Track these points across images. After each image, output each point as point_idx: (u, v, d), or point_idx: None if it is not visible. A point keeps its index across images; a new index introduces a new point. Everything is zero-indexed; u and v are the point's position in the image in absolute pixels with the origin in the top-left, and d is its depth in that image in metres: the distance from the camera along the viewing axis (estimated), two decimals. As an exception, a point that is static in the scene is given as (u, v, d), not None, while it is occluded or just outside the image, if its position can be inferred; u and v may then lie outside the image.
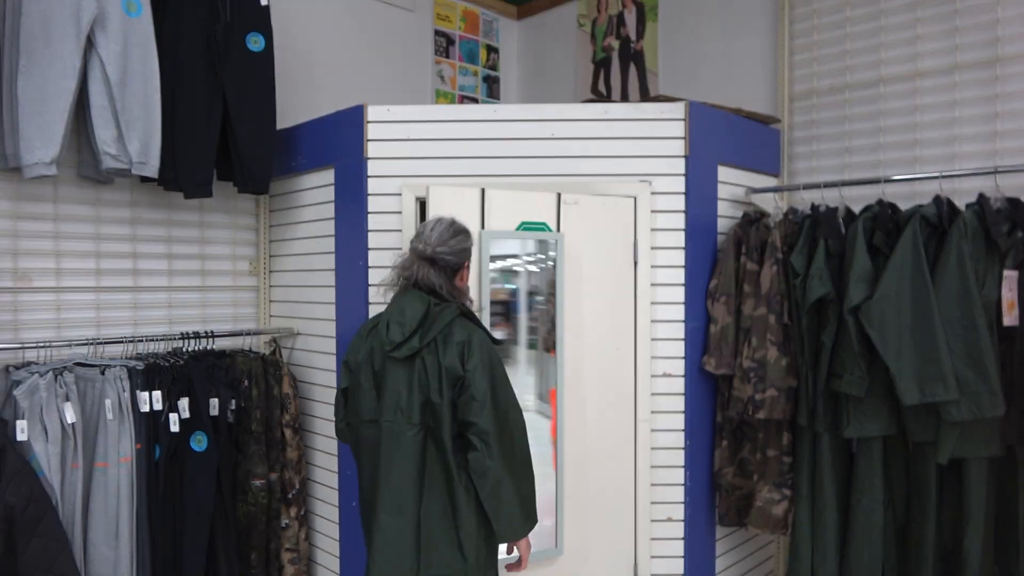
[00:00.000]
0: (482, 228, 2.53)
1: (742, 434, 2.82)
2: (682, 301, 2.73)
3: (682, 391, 2.73)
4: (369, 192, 2.71)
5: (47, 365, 2.56)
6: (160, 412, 2.70)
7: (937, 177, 2.58)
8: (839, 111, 3.19)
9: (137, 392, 2.66)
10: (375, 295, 2.68)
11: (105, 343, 2.82)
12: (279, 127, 3.08)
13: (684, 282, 2.73)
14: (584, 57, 4.29)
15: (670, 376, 2.73)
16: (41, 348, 2.64)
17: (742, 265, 2.76)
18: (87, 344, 2.75)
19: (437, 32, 4.26)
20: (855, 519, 2.56)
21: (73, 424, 2.48)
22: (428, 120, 2.72)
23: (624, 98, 4.07)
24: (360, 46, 3.88)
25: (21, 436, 2.39)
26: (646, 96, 3.94)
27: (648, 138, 2.72)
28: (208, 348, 3.02)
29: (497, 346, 2.12)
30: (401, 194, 2.68)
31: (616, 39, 4.13)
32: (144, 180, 2.85)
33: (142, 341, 2.89)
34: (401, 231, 2.68)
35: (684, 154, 2.71)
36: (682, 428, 2.73)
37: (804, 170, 3.28)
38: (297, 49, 3.55)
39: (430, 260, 2.10)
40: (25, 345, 2.63)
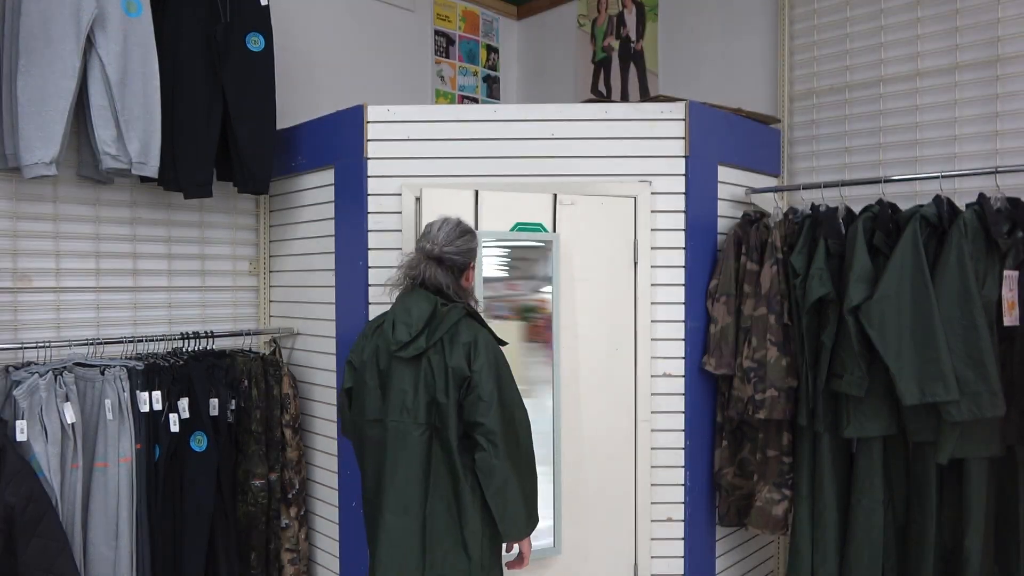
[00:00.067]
0: (476, 229, 2.52)
1: (742, 434, 2.82)
2: (682, 301, 2.73)
3: (682, 391, 2.73)
4: (369, 192, 2.71)
5: (47, 365, 2.56)
6: (160, 412, 2.70)
7: (937, 177, 2.57)
8: (839, 111, 3.19)
9: (137, 392, 2.66)
10: (375, 295, 2.68)
11: (105, 343, 2.82)
12: (279, 127, 3.08)
13: (684, 282, 2.73)
14: (584, 57, 4.29)
15: (670, 376, 2.73)
16: (41, 348, 2.64)
17: (742, 265, 2.76)
18: (87, 344, 2.75)
19: (437, 32, 4.26)
20: (855, 519, 2.56)
21: (73, 424, 2.48)
22: (428, 120, 2.72)
23: (624, 98, 4.06)
24: (360, 46, 3.88)
25: (21, 436, 2.39)
26: (646, 96, 3.93)
27: (648, 138, 2.72)
28: (208, 348, 3.02)
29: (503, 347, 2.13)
30: (401, 194, 2.68)
31: (616, 39, 4.12)
32: (144, 180, 2.85)
33: (142, 341, 2.89)
34: (401, 231, 2.68)
35: (684, 154, 2.71)
36: (682, 428, 2.73)
37: (804, 170, 3.28)
38: (297, 49, 3.55)
39: (437, 260, 2.10)
40: (25, 345, 2.63)
